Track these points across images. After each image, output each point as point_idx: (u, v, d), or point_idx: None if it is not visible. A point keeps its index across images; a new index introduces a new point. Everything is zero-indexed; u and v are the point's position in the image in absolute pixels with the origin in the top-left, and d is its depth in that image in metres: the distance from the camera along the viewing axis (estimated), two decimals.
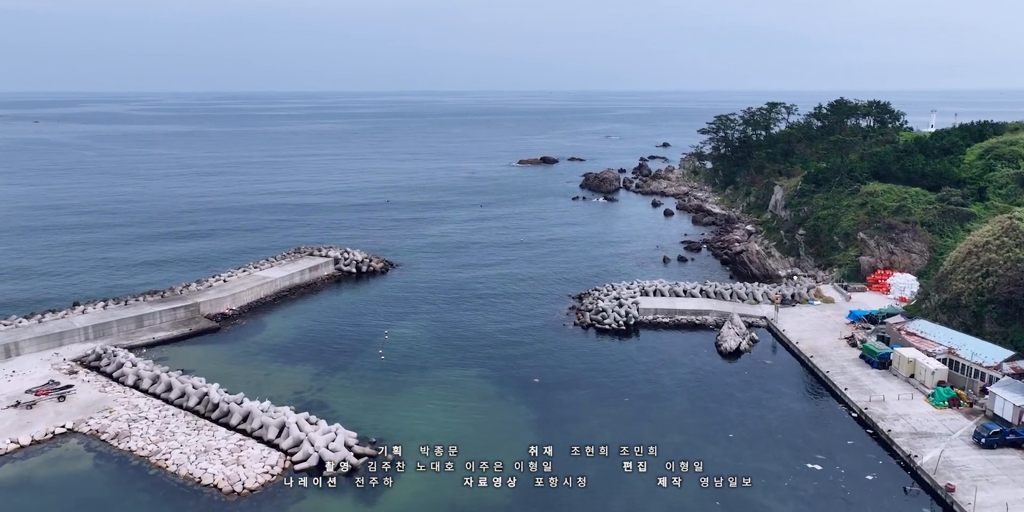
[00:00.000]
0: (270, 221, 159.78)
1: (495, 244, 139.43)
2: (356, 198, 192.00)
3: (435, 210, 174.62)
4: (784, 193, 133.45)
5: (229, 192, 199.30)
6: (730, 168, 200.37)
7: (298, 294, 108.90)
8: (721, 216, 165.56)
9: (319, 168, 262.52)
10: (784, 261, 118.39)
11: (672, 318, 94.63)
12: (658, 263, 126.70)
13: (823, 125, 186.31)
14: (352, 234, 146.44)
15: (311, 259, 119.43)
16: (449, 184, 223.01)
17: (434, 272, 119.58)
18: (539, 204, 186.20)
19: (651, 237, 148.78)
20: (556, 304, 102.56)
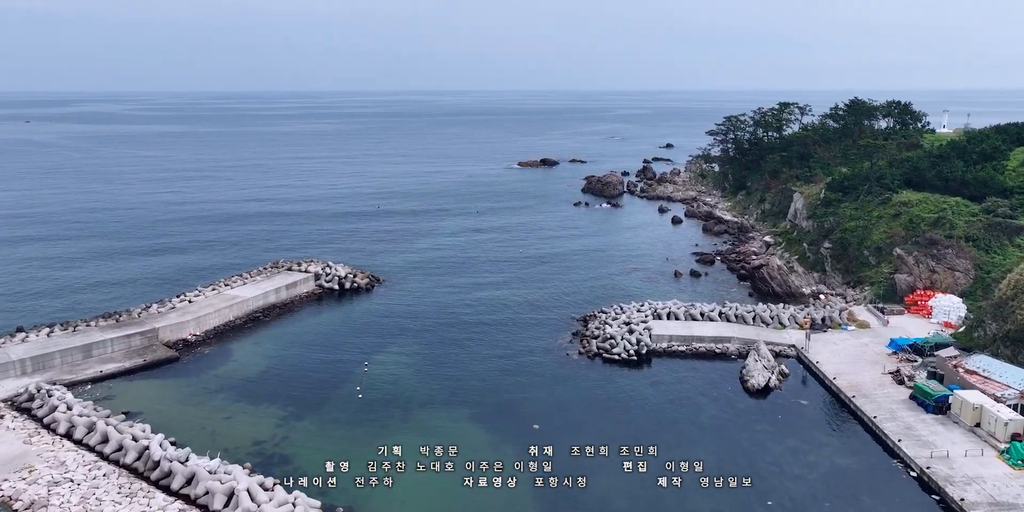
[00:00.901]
0: (250, 232, 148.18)
1: (492, 258, 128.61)
2: (345, 205, 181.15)
3: (428, 218, 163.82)
4: (805, 201, 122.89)
5: (210, 199, 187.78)
6: (740, 172, 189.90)
7: (273, 315, 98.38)
8: (733, 224, 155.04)
9: (309, 171, 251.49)
10: (808, 277, 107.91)
11: (689, 346, 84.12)
12: (669, 279, 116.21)
13: (840, 126, 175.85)
14: (338, 245, 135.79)
15: (289, 275, 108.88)
16: (445, 188, 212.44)
17: (424, 290, 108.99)
18: (539, 211, 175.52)
19: (660, 248, 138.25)
20: (558, 329, 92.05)
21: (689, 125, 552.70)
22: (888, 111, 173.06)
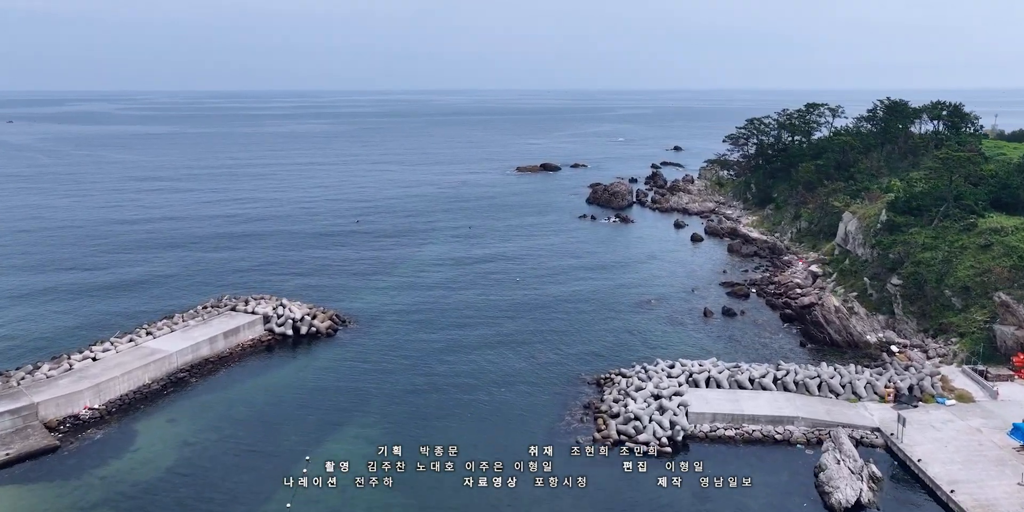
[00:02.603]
0: (196, 260, 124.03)
1: (482, 294, 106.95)
2: (319, 221, 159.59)
3: (412, 239, 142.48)
4: (860, 224, 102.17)
5: (160, 217, 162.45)
6: (765, 181, 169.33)
7: (204, 374, 77.90)
8: (764, 244, 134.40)
9: (286, 179, 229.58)
10: (872, 321, 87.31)
11: (739, 429, 63.53)
12: (697, 318, 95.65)
13: (879, 130, 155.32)
14: (300, 276, 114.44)
15: (231, 318, 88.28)
16: (435, 199, 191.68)
17: (396, 337, 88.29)
18: (539, 227, 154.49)
19: (681, 275, 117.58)
20: (565, 397, 71.42)
21: (696, 126, 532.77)
22: (936, 113, 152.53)
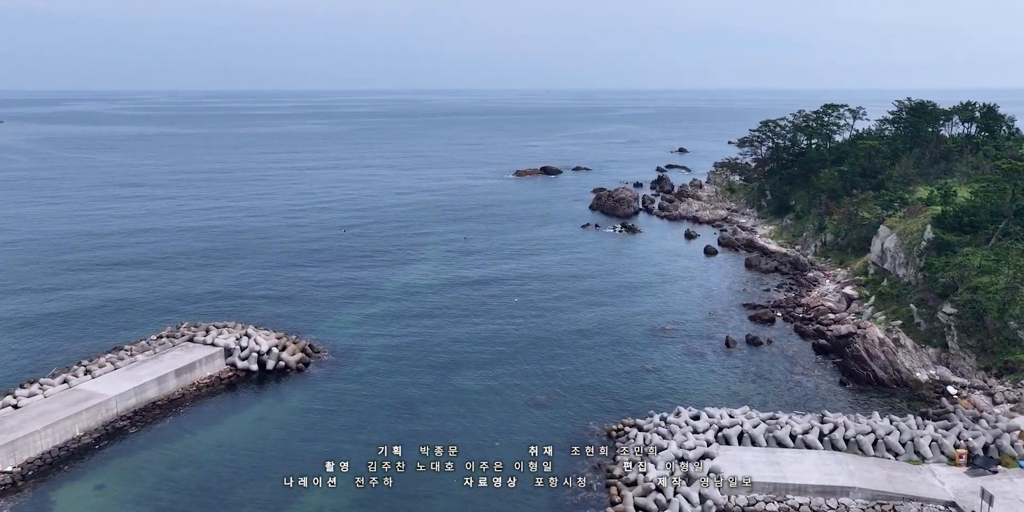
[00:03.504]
0: (161, 280, 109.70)
1: (475, 319, 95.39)
2: (303, 232, 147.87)
3: (401, 251, 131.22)
4: (900, 241, 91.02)
5: (133, 228, 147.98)
6: (781, 187, 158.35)
7: (149, 420, 67.01)
8: (784, 258, 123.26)
9: (273, 184, 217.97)
10: (921, 355, 76.19)
11: (782, 502, 52.42)
12: (719, 349, 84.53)
13: (907, 133, 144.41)
14: (275, 296, 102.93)
15: (187, 351, 77.22)
16: (429, 206, 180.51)
17: (377, 374, 77.07)
18: (539, 239, 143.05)
19: (697, 295, 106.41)
20: (570, 455, 60.20)
21: (699, 126, 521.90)
22: (967, 115, 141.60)
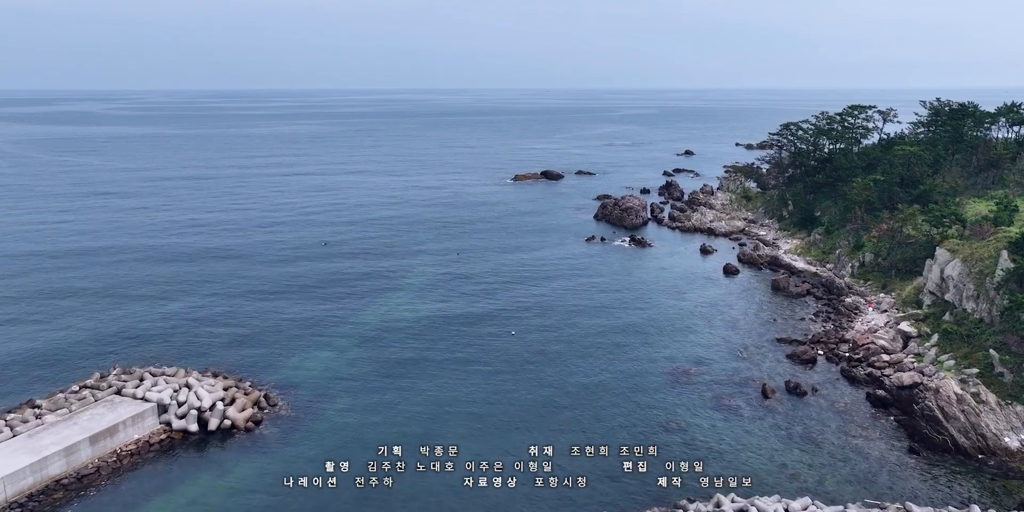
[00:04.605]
0: (101, 312, 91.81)
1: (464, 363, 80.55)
2: (277, 246, 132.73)
3: (384, 272, 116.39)
4: (966, 268, 77.05)
5: (87, 248, 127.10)
6: (805, 196, 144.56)
7: (48, 506, 53.05)
8: (815, 278, 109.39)
9: (254, 191, 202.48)
10: (1008, 414, 62.29)
11: None
12: (754, 400, 70.62)
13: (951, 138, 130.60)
14: (231, 330, 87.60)
15: (109, 408, 63.36)
16: (420, 215, 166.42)
17: (343, 442, 62.79)
18: (540, 257, 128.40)
19: (720, 325, 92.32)
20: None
21: (704, 127, 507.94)
22: (1018, 117, 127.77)
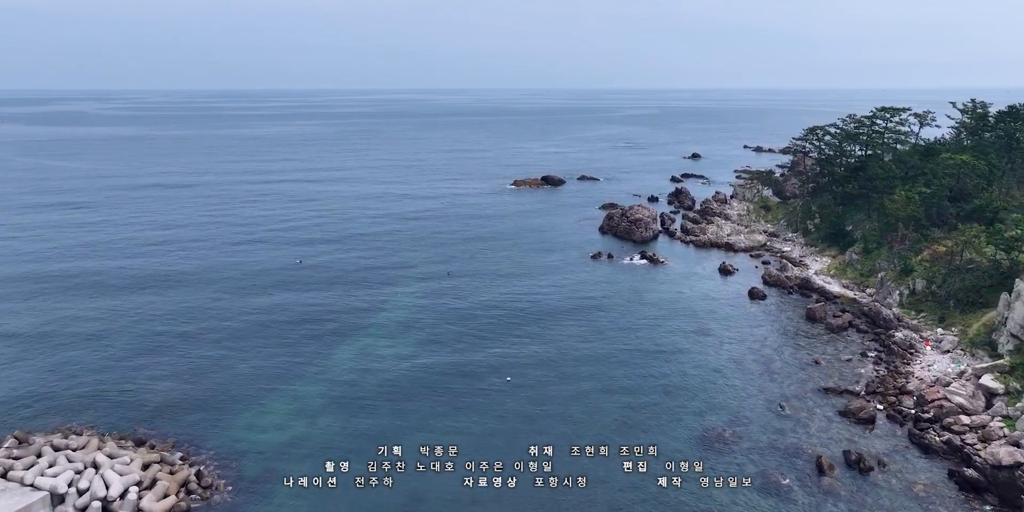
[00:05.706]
0: (20, 359, 77.06)
1: (451, 427, 67.10)
2: (246, 270, 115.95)
3: (365, 295, 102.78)
4: None
5: (26, 273, 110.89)
6: (833, 208, 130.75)
7: None
8: (853, 304, 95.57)
9: (231, 198, 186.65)
10: None
11: None
12: (807, 478, 56.75)
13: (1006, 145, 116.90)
14: (171, 382, 72.49)
15: None
16: (411, 227, 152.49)
17: None
18: (540, 280, 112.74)
19: (754, 370, 78.29)
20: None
21: (709, 128, 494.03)
22: None
